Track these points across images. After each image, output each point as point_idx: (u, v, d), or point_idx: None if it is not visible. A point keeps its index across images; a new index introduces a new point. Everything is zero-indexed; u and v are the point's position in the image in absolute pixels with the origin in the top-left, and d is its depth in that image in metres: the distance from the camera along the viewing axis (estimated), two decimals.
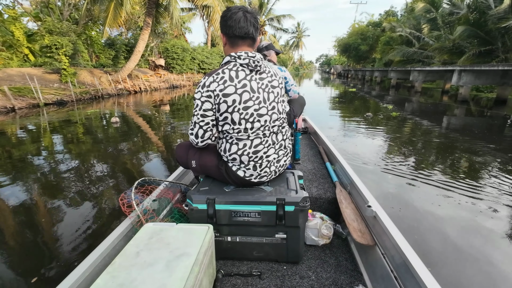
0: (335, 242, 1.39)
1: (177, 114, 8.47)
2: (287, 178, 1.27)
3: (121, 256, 0.84)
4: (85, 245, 2.03)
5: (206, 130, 1.12)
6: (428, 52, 19.69)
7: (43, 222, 2.39)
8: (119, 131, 5.95)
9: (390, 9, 32.99)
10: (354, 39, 33.11)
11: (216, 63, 25.08)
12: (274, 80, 1.15)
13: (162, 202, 1.43)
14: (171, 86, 17.49)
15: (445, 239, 2.09)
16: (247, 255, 1.23)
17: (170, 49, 19.72)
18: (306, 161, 2.22)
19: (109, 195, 2.85)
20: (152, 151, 4.55)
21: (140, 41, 11.89)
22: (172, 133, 5.71)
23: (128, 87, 13.50)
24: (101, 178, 3.32)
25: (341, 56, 47.85)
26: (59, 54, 10.72)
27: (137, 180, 1.33)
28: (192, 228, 0.97)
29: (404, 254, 0.91)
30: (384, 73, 20.02)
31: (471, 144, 4.76)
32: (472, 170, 3.62)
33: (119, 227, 1.14)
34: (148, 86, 15.20)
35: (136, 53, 12.07)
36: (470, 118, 7.35)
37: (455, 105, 9.55)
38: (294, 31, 62.79)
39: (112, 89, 12.48)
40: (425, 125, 6.42)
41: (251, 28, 1.06)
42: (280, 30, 32.85)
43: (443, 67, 11.21)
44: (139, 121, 7.23)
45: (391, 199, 2.73)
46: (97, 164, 3.83)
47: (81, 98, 10.79)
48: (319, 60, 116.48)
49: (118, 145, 4.83)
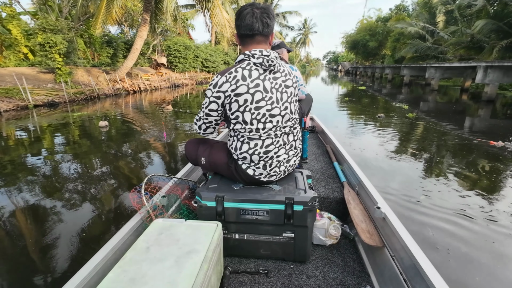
0: (342, 243, 1.37)
1: (174, 117, 7.85)
2: (296, 177, 1.26)
3: (132, 250, 0.85)
4: (97, 239, 2.11)
5: (208, 126, 1.17)
6: (444, 47, 18.62)
7: (58, 219, 2.46)
8: (106, 137, 5.36)
9: (401, 3, 31.66)
10: (363, 35, 32.06)
11: (220, 61, 24.43)
12: (288, 79, 1.12)
13: (171, 199, 1.44)
14: (172, 85, 16.92)
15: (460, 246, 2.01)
16: (254, 253, 1.22)
17: (172, 46, 19.14)
18: (314, 160, 2.19)
19: (118, 193, 2.98)
20: (140, 157, 3.94)
21: (138, 38, 11.32)
22: (158, 140, 5.09)
23: (126, 87, 12.98)
24: (103, 178, 3.42)
25: (349, 53, 46.65)
26: (52, 52, 10.24)
27: (146, 177, 1.34)
28: (201, 225, 0.98)
29: (414, 256, 0.90)
30: (396, 70, 18.99)
31: (501, 150, 4.07)
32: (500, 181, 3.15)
33: (129, 222, 1.15)
34: (148, 86, 14.67)
35: (134, 51, 11.52)
36: (499, 121, 6.48)
37: (476, 105, 8.63)
38: (301, 28, 61.60)
39: (109, 89, 11.97)
40: (447, 128, 5.61)
41: (258, 23, 1.02)
42: (286, 27, 31.91)
43: (464, 63, 10.23)
44: (131, 125, 6.64)
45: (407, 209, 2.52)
46: (99, 167, 3.85)
47: (75, 99, 10.29)
48: (326, 57, 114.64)
49: (105, 153, 4.24)
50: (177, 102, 10.85)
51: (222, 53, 25.94)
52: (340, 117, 7.45)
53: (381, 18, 32.91)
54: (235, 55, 28.91)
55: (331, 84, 23.58)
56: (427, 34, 19.28)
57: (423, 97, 11.25)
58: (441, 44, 18.95)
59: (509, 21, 12.53)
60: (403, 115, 7.11)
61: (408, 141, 4.84)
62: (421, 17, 21.24)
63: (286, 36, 47.31)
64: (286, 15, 30.60)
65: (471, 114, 7.59)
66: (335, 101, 11.13)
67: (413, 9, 27.64)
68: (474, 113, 7.69)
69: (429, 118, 6.61)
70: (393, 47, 24.92)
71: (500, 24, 12.69)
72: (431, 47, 18.66)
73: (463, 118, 6.95)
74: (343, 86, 20.06)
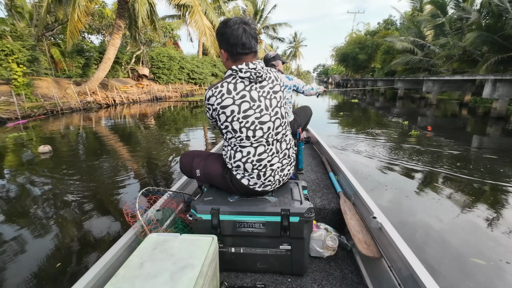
0: (340, 254, 1.36)
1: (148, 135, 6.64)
2: (291, 188, 1.26)
3: (125, 267, 0.83)
4: (89, 256, 2.04)
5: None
6: (435, 60, 18.35)
7: (48, 234, 2.33)
8: (40, 166, 4.09)
9: (389, 18, 32.10)
10: (352, 48, 32.10)
11: (207, 72, 23.51)
12: (276, 85, 1.14)
13: (166, 212, 1.41)
14: (153, 98, 15.72)
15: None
16: (251, 266, 1.20)
17: (155, 57, 18.11)
18: (309, 171, 2.21)
19: (110, 208, 2.80)
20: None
21: (110, 47, 10.21)
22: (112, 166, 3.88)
23: (98, 100, 11.72)
24: (91, 196, 3.13)
25: (338, 66, 46.92)
26: (9, 61, 8.97)
27: (141, 191, 1.33)
28: (196, 239, 0.96)
29: (412, 267, 0.90)
30: (389, 83, 18.46)
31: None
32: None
33: (122, 238, 1.13)
34: (125, 99, 13.43)
35: (106, 61, 10.36)
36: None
37: (483, 122, 7.84)
38: (291, 41, 62.23)
39: (76, 102, 10.68)
40: (456, 148, 4.63)
41: (253, 42, 1.07)
42: (276, 39, 31.57)
43: (467, 76, 9.54)
44: (87, 146, 5.38)
45: None
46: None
47: (30, 115, 8.93)
48: (316, 70, 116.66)
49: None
50: (153, 117, 9.64)
51: (210, 64, 25.10)
52: (336, 130, 7.03)
53: (370, 32, 33.23)
54: (223, 67, 28.22)
55: (321, 96, 23.04)
56: (415, 48, 19.06)
57: (420, 111, 10.49)
58: (431, 57, 18.73)
59: (503, 34, 12.21)
60: (404, 132, 6.19)
61: (414, 168, 3.82)
62: (410, 31, 21.18)
63: (277, 49, 47.36)
64: (276, 27, 30.29)
65: (478, 131, 6.73)
66: (329, 113, 10.25)
67: (401, 23, 27.88)
68: (481, 130, 6.83)
69: (437, 137, 5.66)
70: (383, 59, 24.81)
71: (494, 37, 12.33)
72: (422, 60, 18.38)
73: (469, 136, 6.05)
74: (333, 98, 19.66)
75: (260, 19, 28.82)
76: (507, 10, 11.84)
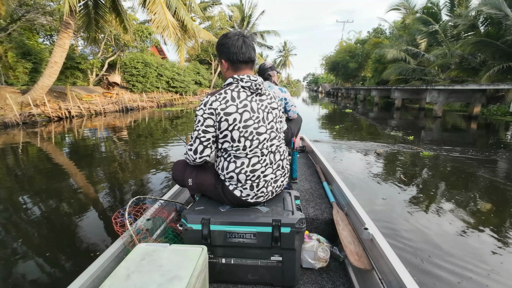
0: (332, 265, 1.35)
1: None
2: (284, 198, 1.25)
3: (111, 278, 0.81)
4: (75, 267, 1.93)
5: (206, 146, 1.13)
6: (430, 69, 17.41)
7: (31, 245, 2.21)
8: None
9: (379, 26, 31.67)
10: (343, 57, 31.38)
11: (190, 80, 21.82)
12: (273, 102, 1.19)
13: (156, 222, 1.37)
14: (123, 108, 13.84)
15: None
16: (241, 278, 1.18)
17: (128, 63, 16.33)
18: (303, 181, 2.19)
19: (98, 217, 2.69)
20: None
21: (57, 48, 8.40)
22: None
23: (47, 112, 9.79)
24: (78, 202, 2.98)
25: (328, 75, 46.37)
26: None
27: (131, 199, 1.27)
28: (185, 249, 0.94)
29: (402, 280, 0.89)
30: (384, 92, 17.30)
31: None
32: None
33: (110, 248, 1.10)
34: (85, 110, 11.52)
35: (52, 65, 8.53)
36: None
37: (491, 134, 6.48)
38: (281, 50, 61.70)
39: (14, 115, 8.73)
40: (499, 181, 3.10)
41: (252, 52, 1.14)
42: (264, 46, 30.37)
43: (478, 85, 8.22)
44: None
45: None
46: None
47: None
48: (306, 79, 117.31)
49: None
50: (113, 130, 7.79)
51: (193, 71, 23.48)
52: (331, 139, 6.58)
53: (360, 40, 32.67)
54: (208, 74, 26.58)
55: (311, 104, 21.84)
56: (407, 56, 18.16)
57: (422, 123, 9.13)
58: (425, 66, 17.83)
59: (507, 41, 11.24)
60: (414, 152, 4.72)
61: (410, 181, 2.43)
62: (401, 39, 20.38)
63: (267, 57, 46.40)
64: (265, 34, 29.12)
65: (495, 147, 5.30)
66: (321, 124, 8.75)
67: (390, 32, 27.28)
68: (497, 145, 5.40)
69: (454, 159, 4.12)
70: (374, 68, 23.95)
71: (497, 43, 11.34)
72: (416, 69, 17.41)
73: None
74: (324, 107, 18.57)
75: (248, 25, 27.58)
76: (507, 16, 10.89)
